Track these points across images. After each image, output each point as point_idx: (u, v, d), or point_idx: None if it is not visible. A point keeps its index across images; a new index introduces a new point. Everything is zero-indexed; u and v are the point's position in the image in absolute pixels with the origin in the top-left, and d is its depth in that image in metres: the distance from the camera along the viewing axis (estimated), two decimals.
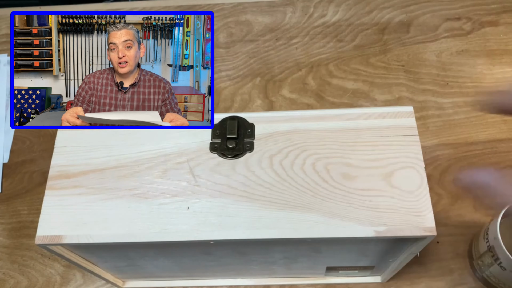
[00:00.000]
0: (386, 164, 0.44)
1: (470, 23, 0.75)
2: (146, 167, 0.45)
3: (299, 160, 0.44)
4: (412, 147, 0.44)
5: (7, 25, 0.80)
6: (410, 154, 0.44)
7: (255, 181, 0.44)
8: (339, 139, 0.45)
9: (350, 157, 0.44)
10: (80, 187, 0.45)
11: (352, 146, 0.45)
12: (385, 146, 0.44)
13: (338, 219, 0.41)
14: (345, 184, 0.43)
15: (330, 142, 0.45)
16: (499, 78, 0.72)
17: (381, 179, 0.43)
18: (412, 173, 0.43)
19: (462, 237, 0.61)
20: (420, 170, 0.43)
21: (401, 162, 0.44)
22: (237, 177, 0.44)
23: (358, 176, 0.43)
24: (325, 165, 0.44)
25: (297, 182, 0.43)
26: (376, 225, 0.41)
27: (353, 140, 0.45)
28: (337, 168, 0.44)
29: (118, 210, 0.43)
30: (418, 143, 0.44)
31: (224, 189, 0.43)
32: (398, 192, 0.42)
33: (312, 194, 0.43)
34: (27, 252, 0.62)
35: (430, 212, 0.41)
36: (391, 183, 0.43)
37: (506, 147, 0.67)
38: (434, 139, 0.68)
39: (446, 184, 0.65)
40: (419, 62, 0.73)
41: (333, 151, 0.44)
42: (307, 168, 0.44)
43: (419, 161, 0.44)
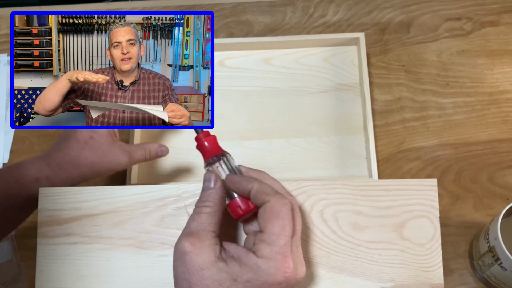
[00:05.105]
0: (398, 212, 0.41)
1: (470, 23, 0.75)
2: (141, 213, 0.42)
3: (306, 206, 0.41)
4: (428, 192, 0.41)
5: (7, 25, 0.80)
6: (425, 201, 0.41)
7: None
8: (350, 182, 0.42)
9: (361, 203, 0.41)
10: (74, 235, 0.42)
11: (364, 190, 0.41)
12: (399, 191, 0.41)
13: (345, 275, 0.39)
14: (354, 236, 0.40)
15: (340, 185, 0.41)
16: (499, 78, 0.72)
17: (392, 230, 0.41)
18: (425, 223, 0.41)
19: (463, 237, 0.61)
20: (434, 220, 0.41)
21: (415, 211, 0.41)
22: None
23: (368, 227, 0.41)
24: (333, 213, 0.41)
25: (304, 233, 0.40)
26: (384, 281, 0.39)
27: (365, 183, 0.41)
28: (346, 217, 0.41)
29: (117, 262, 0.41)
30: (435, 187, 0.42)
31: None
32: (409, 245, 0.40)
33: (319, 247, 0.40)
34: (28, 252, 0.62)
35: (440, 267, 0.40)
36: (402, 235, 0.41)
37: (506, 147, 0.67)
38: (434, 139, 0.68)
39: (446, 184, 0.65)
40: (420, 62, 0.73)
41: (343, 197, 0.41)
42: (315, 216, 0.41)
43: (434, 209, 0.41)
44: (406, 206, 0.41)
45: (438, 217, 0.41)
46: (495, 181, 0.65)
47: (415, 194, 0.41)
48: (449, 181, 0.65)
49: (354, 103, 0.70)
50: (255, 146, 0.69)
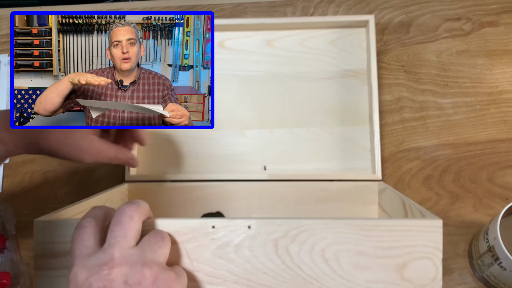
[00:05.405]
0: (401, 253, 0.40)
1: (470, 23, 0.76)
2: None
3: (308, 245, 0.40)
4: (432, 234, 0.40)
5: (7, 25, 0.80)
6: (429, 243, 0.40)
7: (259, 268, 0.40)
8: (353, 221, 0.40)
9: (363, 243, 0.40)
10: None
11: (366, 230, 0.40)
12: (403, 231, 0.40)
13: None
14: (354, 275, 0.40)
15: (343, 225, 0.40)
16: (498, 78, 0.72)
17: (393, 271, 0.40)
18: (427, 264, 0.40)
19: (462, 237, 0.61)
20: (436, 261, 0.40)
21: (418, 252, 0.40)
22: (240, 263, 0.40)
23: (369, 267, 0.40)
24: (335, 252, 0.40)
25: (304, 271, 0.40)
26: None
27: (369, 223, 0.40)
28: (348, 257, 0.40)
29: None
30: (440, 228, 0.41)
31: (226, 276, 0.40)
32: (410, 286, 0.40)
33: (319, 285, 0.40)
34: (28, 252, 0.62)
35: None
36: (403, 275, 0.40)
37: (505, 147, 0.67)
38: (434, 139, 0.68)
39: (446, 184, 0.65)
40: (419, 62, 0.74)
41: (345, 236, 0.40)
42: (316, 255, 0.40)
43: (438, 251, 0.40)
44: (409, 247, 0.40)
45: (441, 259, 0.40)
46: (494, 181, 0.65)
47: (419, 236, 0.40)
48: (448, 181, 0.65)
49: (360, 92, 0.68)
50: (256, 135, 0.68)
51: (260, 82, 0.69)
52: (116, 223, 0.37)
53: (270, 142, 0.67)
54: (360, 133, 0.66)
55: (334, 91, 0.68)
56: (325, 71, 0.69)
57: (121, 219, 0.37)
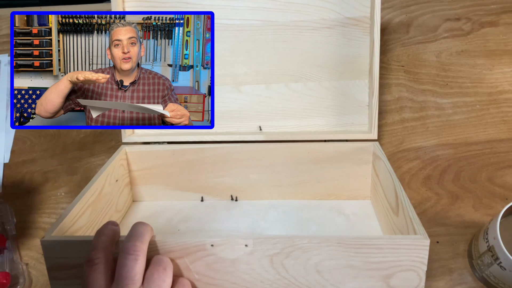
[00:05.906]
0: (388, 266, 0.43)
1: (469, 23, 0.76)
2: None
3: (302, 260, 0.43)
4: (419, 251, 0.42)
5: (7, 25, 0.80)
6: (415, 258, 0.43)
7: (256, 278, 0.43)
8: (345, 240, 0.42)
9: (353, 259, 0.43)
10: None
11: (357, 248, 0.43)
12: (392, 249, 0.43)
13: None
14: (344, 283, 0.43)
15: (335, 243, 0.43)
16: (498, 78, 0.72)
17: (380, 280, 0.43)
18: (412, 275, 0.43)
19: (462, 237, 0.61)
20: (421, 273, 0.43)
21: (404, 265, 0.43)
22: (238, 274, 0.43)
23: (358, 277, 0.43)
24: (327, 266, 0.43)
25: (298, 280, 0.43)
26: None
27: (359, 241, 0.43)
28: (338, 269, 0.43)
29: None
30: (427, 247, 0.42)
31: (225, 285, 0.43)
32: None
33: None
34: (28, 252, 0.62)
35: None
36: (389, 284, 0.43)
37: (505, 147, 0.67)
38: (434, 139, 0.68)
39: (446, 184, 0.65)
40: (419, 62, 0.74)
41: (337, 253, 0.43)
42: (310, 268, 0.43)
43: (423, 264, 0.43)
44: (396, 261, 0.43)
45: (425, 270, 0.43)
46: (494, 180, 0.65)
47: (407, 252, 0.43)
48: (448, 180, 0.65)
49: (361, 43, 0.63)
50: (252, 91, 0.65)
51: (255, 32, 0.64)
52: (122, 265, 0.38)
53: (266, 98, 0.65)
54: (359, 87, 0.64)
55: (333, 41, 0.64)
56: (325, 19, 0.63)
57: (127, 262, 0.38)
